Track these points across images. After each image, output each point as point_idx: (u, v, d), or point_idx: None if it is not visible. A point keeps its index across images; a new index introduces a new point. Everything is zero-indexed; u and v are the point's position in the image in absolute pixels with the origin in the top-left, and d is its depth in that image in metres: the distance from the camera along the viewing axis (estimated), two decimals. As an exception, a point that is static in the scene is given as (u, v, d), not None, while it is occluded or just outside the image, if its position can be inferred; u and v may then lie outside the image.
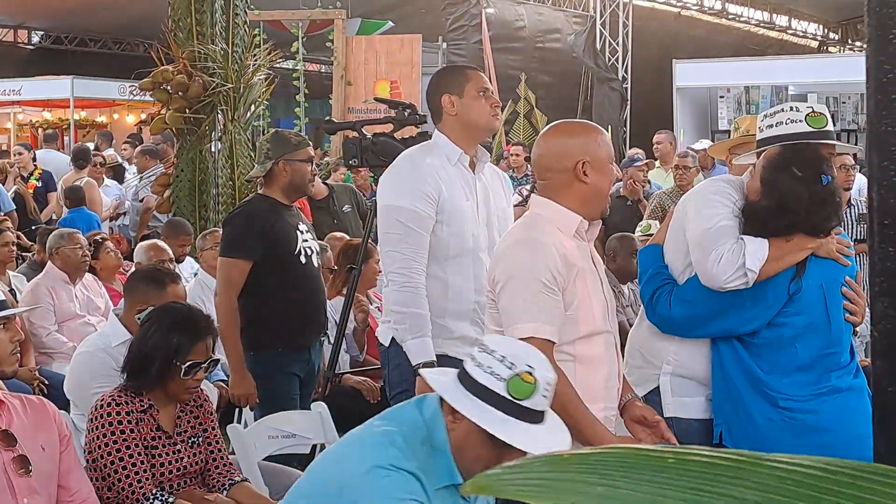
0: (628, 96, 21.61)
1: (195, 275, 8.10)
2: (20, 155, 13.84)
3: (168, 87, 9.96)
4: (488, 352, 3.03)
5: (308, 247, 5.66)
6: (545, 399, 3.03)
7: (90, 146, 15.22)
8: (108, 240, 8.62)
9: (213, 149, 10.13)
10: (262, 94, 10.51)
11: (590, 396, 3.57)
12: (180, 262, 8.50)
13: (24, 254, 10.18)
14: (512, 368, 2.98)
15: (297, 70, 16.69)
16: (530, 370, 2.99)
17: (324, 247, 7.17)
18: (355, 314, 6.85)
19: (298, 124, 15.97)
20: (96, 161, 13.64)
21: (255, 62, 10.34)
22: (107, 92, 21.88)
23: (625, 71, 22.04)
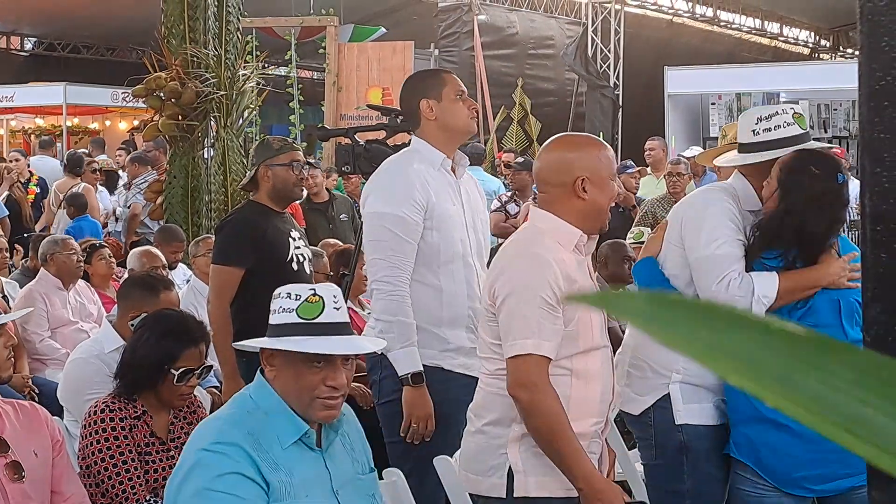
0: (620, 103, 21.63)
1: (188, 281, 8.09)
2: (17, 161, 13.83)
3: (161, 94, 9.97)
4: (276, 297, 3.28)
5: (300, 253, 5.66)
6: (338, 311, 3.25)
7: (83, 152, 15.21)
8: (106, 246, 8.60)
9: (206, 155, 10.14)
10: (255, 101, 10.52)
11: (584, 411, 3.58)
12: (173, 269, 8.49)
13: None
14: (298, 299, 3.22)
15: (291, 77, 16.70)
16: (314, 292, 3.25)
17: (319, 253, 7.18)
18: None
19: (293, 131, 15.98)
20: (94, 167, 13.63)
21: (248, 69, 10.35)
22: (100, 99, 21.90)
23: (617, 78, 22.06)
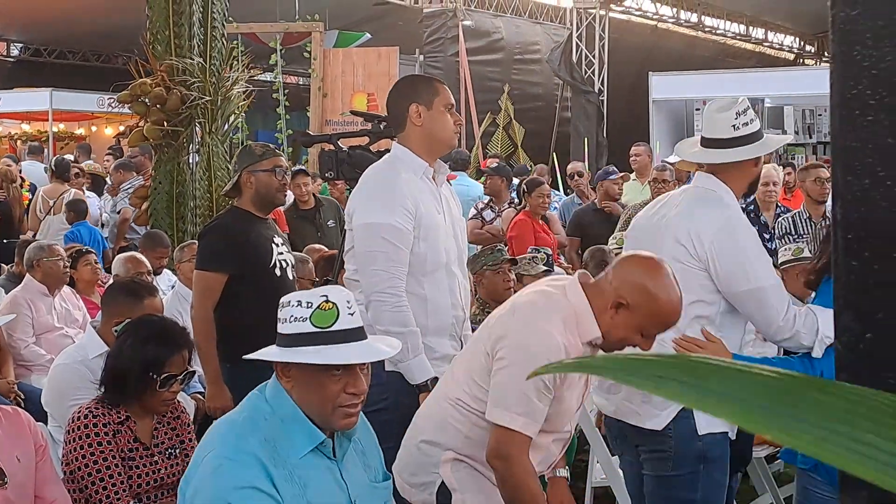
0: (605, 109, 21.67)
1: (173, 287, 8.09)
2: (9, 167, 13.86)
3: (146, 100, 9.96)
4: (286, 305, 3.16)
5: (283, 259, 5.67)
6: (353, 316, 3.13)
7: (69, 158, 15.23)
8: (92, 252, 8.60)
9: (191, 161, 10.13)
10: (240, 107, 10.51)
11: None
12: (158, 275, 8.49)
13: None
14: (310, 306, 3.10)
15: (276, 82, 16.70)
16: (326, 298, 3.11)
17: (304, 259, 7.18)
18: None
19: (280, 137, 15.98)
20: (76, 172, 13.64)
21: (234, 74, 10.35)
22: (85, 104, 21.89)
23: (601, 84, 22.11)
